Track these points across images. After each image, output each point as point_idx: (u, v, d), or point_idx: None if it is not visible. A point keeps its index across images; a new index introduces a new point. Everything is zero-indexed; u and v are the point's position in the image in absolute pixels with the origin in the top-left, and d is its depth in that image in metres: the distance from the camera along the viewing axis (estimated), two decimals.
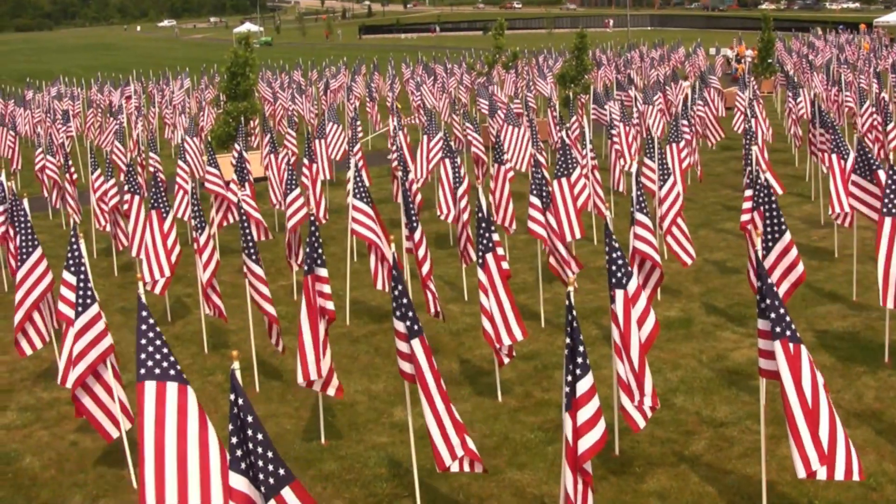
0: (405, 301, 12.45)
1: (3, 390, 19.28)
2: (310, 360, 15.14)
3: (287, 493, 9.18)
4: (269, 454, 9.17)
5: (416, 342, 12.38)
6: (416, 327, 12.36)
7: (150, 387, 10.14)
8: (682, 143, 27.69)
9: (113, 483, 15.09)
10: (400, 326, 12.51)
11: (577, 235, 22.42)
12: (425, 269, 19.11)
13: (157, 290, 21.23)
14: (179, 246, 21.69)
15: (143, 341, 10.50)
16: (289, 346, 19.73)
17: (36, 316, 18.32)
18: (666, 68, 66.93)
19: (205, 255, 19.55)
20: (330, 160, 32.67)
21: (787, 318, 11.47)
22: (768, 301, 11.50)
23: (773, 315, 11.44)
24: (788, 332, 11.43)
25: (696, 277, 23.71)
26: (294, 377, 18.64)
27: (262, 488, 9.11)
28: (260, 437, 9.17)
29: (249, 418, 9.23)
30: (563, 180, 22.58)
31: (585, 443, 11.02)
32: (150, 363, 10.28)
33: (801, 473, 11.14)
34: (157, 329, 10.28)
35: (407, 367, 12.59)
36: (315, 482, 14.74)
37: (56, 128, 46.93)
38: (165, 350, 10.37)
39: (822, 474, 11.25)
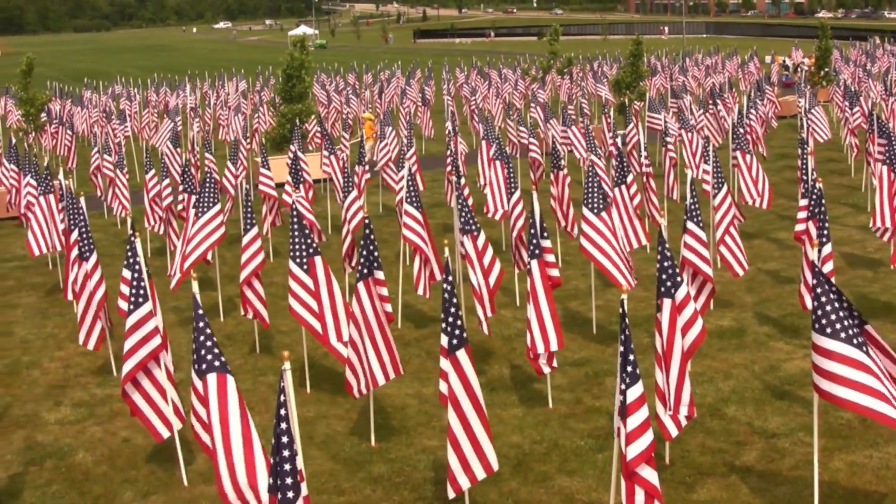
0: (452, 310, 12.49)
1: (57, 386, 19.50)
2: (359, 374, 15.31)
3: None
4: (289, 466, 9.45)
5: (461, 353, 12.47)
6: (454, 342, 12.43)
7: (211, 379, 10.76)
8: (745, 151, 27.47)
9: (164, 480, 15.22)
10: (444, 341, 12.57)
11: (644, 242, 22.45)
12: (493, 278, 18.92)
13: (171, 285, 21.62)
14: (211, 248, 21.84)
15: (202, 338, 10.85)
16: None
17: (92, 315, 18.64)
18: (721, 76, 66.55)
19: (245, 255, 19.62)
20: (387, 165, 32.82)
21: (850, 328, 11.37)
22: (832, 316, 11.43)
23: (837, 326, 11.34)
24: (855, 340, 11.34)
25: (749, 287, 23.57)
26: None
27: (280, 494, 9.42)
28: (286, 452, 9.38)
29: (283, 425, 9.42)
30: (623, 188, 22.59)
31: (635, 449, 11.05)
32: (209, 356, 10.78)
33: None
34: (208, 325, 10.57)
35: (445, 388, 12.63)
36: (364, 484, 14.80)
37: (112, 127, 47.40)
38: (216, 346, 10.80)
39: None
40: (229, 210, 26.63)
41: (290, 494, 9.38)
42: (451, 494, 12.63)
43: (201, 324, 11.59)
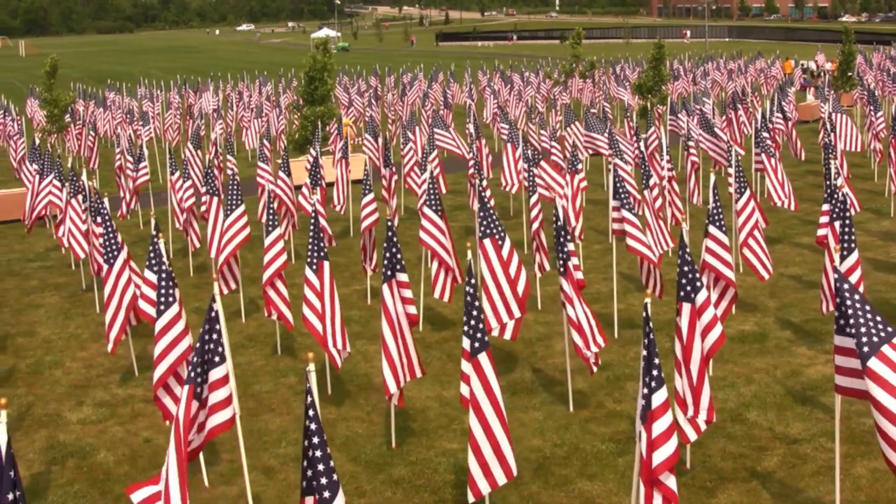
0: (474, 314, 12.51)
1: (79, 385, 19.59)
2: (399, 372, 15.33)
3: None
4: (323, 467, 9.46)
5: (483, 356, 12.48)
6: (476, 345, 12.45)
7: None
8: (770, 155, 27.41)
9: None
10: (466, 344, 12.59)
11: (669, 244, 22.47)
12: (521, 287, 18.85)
13: (225, 290, 21.81)
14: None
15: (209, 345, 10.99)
16: (361, 350, 19.88)
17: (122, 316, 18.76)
18: (743, 80, 66.37)
19: (268, 256, 19.68)
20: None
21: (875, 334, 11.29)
22: (852, 320, 11.35)
23: (861, 331, 11.26)
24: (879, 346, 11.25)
25: (771, 292, 23.51)
26: (365, 382, 18.85)
27: (317, 494, 9.41)
28: (318, 452, 9.39)
29: (313, 426, 9.43)
30: (646, 192, 22.60)
31: (660, 455, 11.02)
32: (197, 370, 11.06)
33: None
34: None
35: (467, 391, 12.64)
36: (385, 487, 14.82)
37: (135, 128, 47.54)
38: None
39: None
40: (290, 222, 27.00)
41: (327, 494, 9.37)
42: (472, 499, 12.63)
43: (207, 326, 11.68)
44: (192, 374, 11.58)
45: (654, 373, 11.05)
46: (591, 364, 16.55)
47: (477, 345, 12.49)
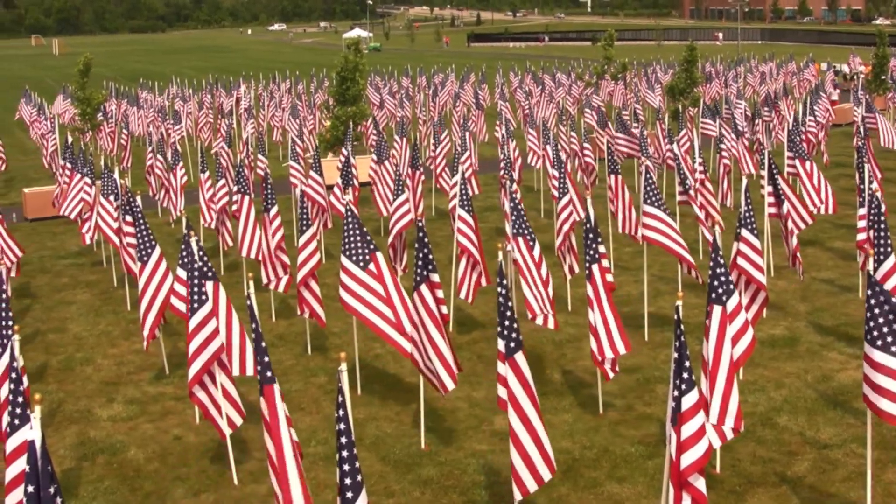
0: (508, 314, 12.50)
1: (110, 382, 19.69)
2: (450, 366, 15.38)
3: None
4: (348, 467, 9.50)
5: (519, 356, 12.47)
6: (511, 345, 12.44)
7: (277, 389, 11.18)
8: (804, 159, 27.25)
9: (214, 479, 15.33)
10: (500, 345, 12.57)
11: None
12: (549, 290, 18.83)
13: (281, 288, 21.91)
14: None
15: (264, 344, 10.98)
16: (390, 350, 19.84)
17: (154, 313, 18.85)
18: (776, 83, 66.03)
19: (302, 255, 19.71)
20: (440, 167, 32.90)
21: None
22: (885, 328, 11.32)
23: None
24: None
25: (802, 296, 23.39)
26: (395, 382, 18.87)
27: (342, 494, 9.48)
28: (345, 453, 9.46)
29: (342, 426, 9.45)
30: (679, 194, 22.59)
31: (689, 457, 11.00)
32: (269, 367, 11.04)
33: None
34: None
35: (504, 393, 12.60)
36: (413, 487, 14.83)
37: (167, 127, 47.73)
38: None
39: None
40: (322, 221, 27.06)
41: (350, 495, 9.38)
42: (518, 497, 12.56)
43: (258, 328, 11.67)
44: (269, 374, 11.40)
45: (685, 375, 11.04)
46: (607, 370, 16.48)
47: (512, 345, 12.47)
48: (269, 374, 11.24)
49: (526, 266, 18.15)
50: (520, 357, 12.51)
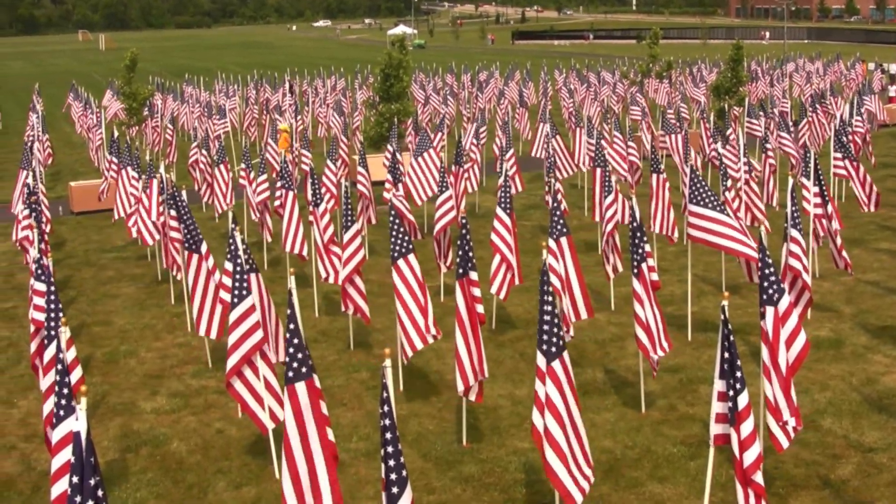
0: (546, 318, 12.33)
1: (154, 375, 19.82)
2: (467, 369, 15.34)
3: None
4: (393, 462, 9.57)
5: (565, 354, 12.41)
6: (553, 350, 12.32)
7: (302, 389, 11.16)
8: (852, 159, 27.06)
9: (256, 472, 15.39)
10: (543, 345, 12.43)
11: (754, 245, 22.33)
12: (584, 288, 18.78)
13: (332, 280, 21.85)
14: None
15: (296, 340, 10.98)
16: (433, 346, 19.83)
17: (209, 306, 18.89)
18: (823, 82, 65.55)
19: (346, 252, 19.75)
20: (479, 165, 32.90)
21: None
22: None
23: None
24: None
25: (848, 297, 23.20)
26: (437, 378, 18.86)
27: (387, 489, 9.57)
28: (390, 448, 9.52)
29: (386, 421, 9.47)
30: (726, 193, 22.47)
31: (750, 455, 11.15)
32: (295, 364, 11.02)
33: None
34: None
35: (546, 392, 12.48)
36: (454, 484, 14.83)
37: (212, 123, 48.00)
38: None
39: None
40: (331, 207, 26.93)
41: (395, 490, 9.42)
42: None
43: (292, 326, 11.63)
44: (305, 370, 11.41)
45: (738, 374, 11.09)
46: (654, 361, 16.44)
47: (554, 349, 12.36)
48: (303, 370, 11.30)
49: (575, 268, 18.08)
50: (566, 356, 12.41)
